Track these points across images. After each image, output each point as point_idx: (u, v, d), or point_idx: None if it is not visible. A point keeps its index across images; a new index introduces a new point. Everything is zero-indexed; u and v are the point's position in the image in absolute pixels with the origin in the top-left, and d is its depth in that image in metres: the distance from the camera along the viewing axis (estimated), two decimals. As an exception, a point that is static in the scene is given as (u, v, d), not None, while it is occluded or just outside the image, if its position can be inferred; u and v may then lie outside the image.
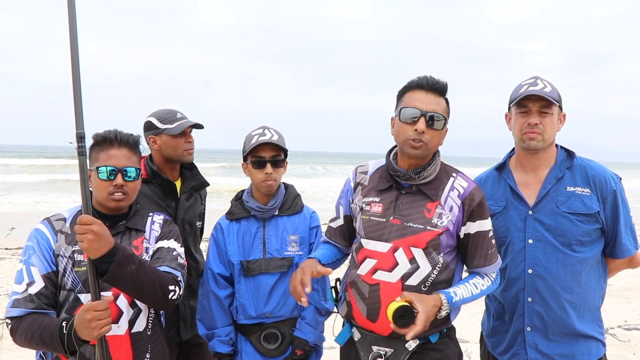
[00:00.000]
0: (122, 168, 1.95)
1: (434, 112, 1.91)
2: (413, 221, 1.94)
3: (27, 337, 1.78)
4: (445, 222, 1.93)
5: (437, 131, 1.93)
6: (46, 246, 1.90)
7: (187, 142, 2.67)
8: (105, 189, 1.93)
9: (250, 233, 2.39)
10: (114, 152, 1.95)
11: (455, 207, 1.95)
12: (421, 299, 1.81)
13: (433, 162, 1.99)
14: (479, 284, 1.98)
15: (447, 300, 1.87)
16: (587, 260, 2.13)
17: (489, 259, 2.00)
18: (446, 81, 1.96)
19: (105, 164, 1.93)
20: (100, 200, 1.96)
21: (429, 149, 1.94)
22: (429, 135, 1.91)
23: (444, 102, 1.97)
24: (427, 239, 1.92)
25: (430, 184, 1.99)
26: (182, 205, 2.69)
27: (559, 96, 2.16)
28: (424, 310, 1.77)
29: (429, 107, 1.91)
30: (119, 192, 1.94)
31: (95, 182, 1.93)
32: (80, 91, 1.69)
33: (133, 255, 1.81)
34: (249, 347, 2.36)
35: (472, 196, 1.96)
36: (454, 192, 1.97)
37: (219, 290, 2.37)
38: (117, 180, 1.93)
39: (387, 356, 1.97)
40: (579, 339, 2.14)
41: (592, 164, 2.20)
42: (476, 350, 2.69)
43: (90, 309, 1.68)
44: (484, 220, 1.99)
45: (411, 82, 1.97)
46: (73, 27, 1.69)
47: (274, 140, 2.31)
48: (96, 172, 1.92)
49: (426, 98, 1.92)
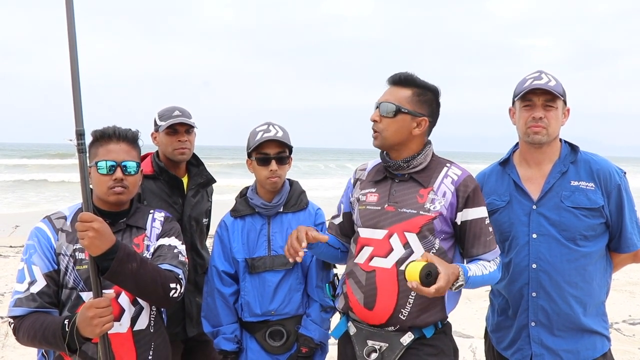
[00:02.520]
0: (121, 162, 1.94)
1: (386, 100, 2.04)
2: (406, 207, 2.00)
3: (30, 335, 1.79)
4: (438, 207, 1.98)
5: (389, 119, 2.02)
6: (47, 245, 1.90)
7: (178, 141, 2.62)
8: (105, 184, 1.92)
9: (255, 230, 2.38)
10: (112, 147, 1.95)
11: (448, 193, 2.00)
12: (441, 262, 1.81)
13: (423, 152, 2.07)
14: (487, 266, 1.99)
15: (463, 272, 1.87)
16: (592, 254, 2.12)
17: (488, 245, 2.01)
18: (409, 72, 2.06)
19: (104, 158, 1.92)
20: (100, 196, 1.95)
21: (384, 138, 2.04)
22: (383, 124, 2.03)
23: (405, 92, 2.05)
24: (420, 223, 1.97)
25: (423, 171, 2.06)
26: (188, 202, 2.68)
27: (564, 90, 2.15)
28: (445, 272, 1.76)
29: (383, 97, 2.06)
30: (118, 186, 1.93)
31: (95, 177, 1.93)
32: (79, 88, 1.68)
33: (134, 253, 1.81)
34: (254, 344, 2.36)
35: (466, 183, 2.02)
36: (447, 179, 2.03)
37: (223, 287, 2.37)
38: (117, 174, 1.92)
39: (382, 351, 1.98)
40: (584, 334, 2.13)
41: (596, 159, 2.19)
42: (481, 346, 2.70)
43: (92, 306, 1.68)
44: (480, 208, 2.02)
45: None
46: (71, 23, 1.69)
47: (279, 137, 2.30)
48: (95, 167, 1.92)
49: (387, 90, 2.08)
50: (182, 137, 2.64)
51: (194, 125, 2.67)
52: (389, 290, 1.96)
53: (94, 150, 1.96)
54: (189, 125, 2.65)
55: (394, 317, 1.97)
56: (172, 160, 2.67)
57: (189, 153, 2.69)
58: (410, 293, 1.94)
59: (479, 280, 1.94)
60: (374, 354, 1.99)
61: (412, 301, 1.95)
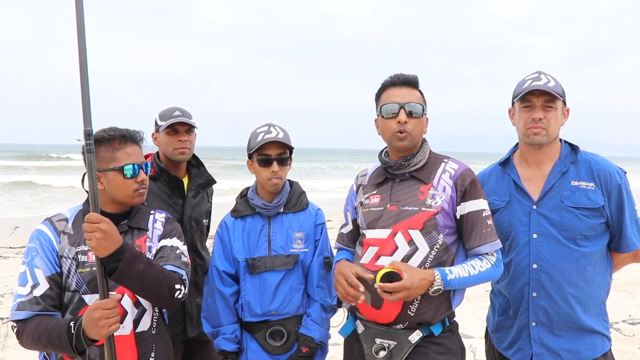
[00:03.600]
0: (142, 164, 1.99)
1: (410, 102, 2.06)
2: (408, 205, 2.03)
3: (34, 339, 1.78)
4: (439, 202, 2.01)
5: (417, 119, 2.07)
6: (49, 247, 1.89)
7: (178, 141, 2.64)
8: (130, 187, 1.94)
9: (255, 230, 2.39)
10: (130, 150, 1.97)
11: (447, 187, 2.04)
12: (410, 269, 1.90)
13: (422, 150, 2.11)
14: (476, 265, 2.00)
15: (440, 276, 1.92)
16: (592, 254, 2.12)
17: (485, 237, 2.02)
18: (416, 75, 2.12)
19: (128, 162, 1.94)
20: (123, 199, 1.96)
21: (414, 138, 2.07)
22: (412, 125, 2.05)
23: (418, 93, 2.12)
24: (423, 219, 1.99)
25: (422, 169, 2.10)
26: (189, 203, 2.69)
27: (563, 91, 2.15)
28: (408, 278, 1.85)
29: (406, 99, 2.07)
30: (143, 188, 1.99)
31: (119, 181, 1.93)
32: (88, 88, 1.67)
33: (141, 254, 1.81)
34: (254, 344, 2.37)
35: (463, 176, 2.05)
36: (445, 174, 2.07)
37: (224, 287, 2.38)
38: (141, 176, 1.97)
39: (390, 349, 2.00)
40: (584, 333, 2.13)
41: (596, 158, 2.19)
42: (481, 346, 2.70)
43: (99, 307, 1.68)
44: (478, 200, 2.05)
45: (385, 82, 2.14)
46: (81, 23, 1.68)
47: (280, 138, 2.31)
48: (120, 171, 1.92)
49: (401, 92, 2.09)
50: (183, 137, 2.64)
51: (194, 125, 2.68)
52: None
53: (108, 154, 1.94)
54: (190, 125, 2.66)
55: (402, 315, 1.98)
56: (173, 160, 2.67)
57: (189, 153, 2.69)
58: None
59: (464, 281, 1.96)
60: (382, 352, 2.00)
61: (419, 297, 1.96)
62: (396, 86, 2.10)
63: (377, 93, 2.17)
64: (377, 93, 2.17)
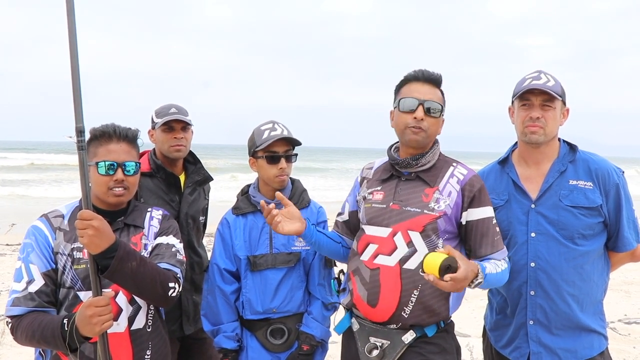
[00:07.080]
0: (121, 163, 1.92)
1: (430, 100, 2.03)
2: (411, 205, 2.01)
3: (28, 335, 1.77)
4: (442, 207, 1.99)
5: (434, 119, 2.04)
6: (45, 244, 1.88)
7: (174, 138, 2.63)
8: (105, 184, 1.90)
9: (257, 228, 2.38)
10: (113, 147, 1.93)
11: (454, 192, 2.01)
12: (462, 257, 1.77)
13: (432, 150, 2.08)
14: (499, 264, 1.98)
15: (481, 269, 1.84)
16: (590, 253, 2.13)
17: (496, 245, 2.01)
18: (440, 73, 2.08)
19: (105, 158, 1.90)
20: (99, 196, 1.93)
21: (428, 136, 2.04)
22: (428, 123, 2.02)
23: (440, 92, 2.09)
24: (423, 222, 1.97)
25: (429, 171, 2.07)
26: (185, 200, 2.68)
27: (563, 90, 2.15)
28: (465, 268, 1.72)
29: (426, 96, 2.03)
30: (119, 187, 1.91)
31: (95, 177, 1.90)
32: (79, 85, 1.66)
33: (134, 251, 1.79)
34: (254, 342, 2.36)
35: (472, 182, 2.03)
36: (453, 179, 2.04)
37: (225, 285, 2.36)
38: (118, 175, 1.90)
39: (383, 348, 1.99)
40: (582, 332, 2.14)
41: (594, 158, 2.19)
42: (478, 345, 2.70)
43: (92, 304, 1.67)
44: (486, 207, 2.03)
45: (408, 75, 2.09)
46: (71, 20, 1.67)
47: (287, 135, 2.31)
48: (95, 167, 1.89)
49: (423, 89, 2.05)
50: (178, 134, 2.64)
51: (190, 122, 2.67)
52: (392, 288, 1.97)
53: (93, 149, 1.93)
54: (185, 123, 2.66)
55: (396, 315, 1.97)
56: (169, 157, 2.66)
57: (184, 150, 2.68)
58: (413, 292, 1.95)
59: (494, 278, 1.93)
60: (375, 351, 1.99)
61: (414, 300, 1.95)
62: (419, 81, 2.06)
63: (397, 85, 2.12)
64: (397, 85, 2.12)
